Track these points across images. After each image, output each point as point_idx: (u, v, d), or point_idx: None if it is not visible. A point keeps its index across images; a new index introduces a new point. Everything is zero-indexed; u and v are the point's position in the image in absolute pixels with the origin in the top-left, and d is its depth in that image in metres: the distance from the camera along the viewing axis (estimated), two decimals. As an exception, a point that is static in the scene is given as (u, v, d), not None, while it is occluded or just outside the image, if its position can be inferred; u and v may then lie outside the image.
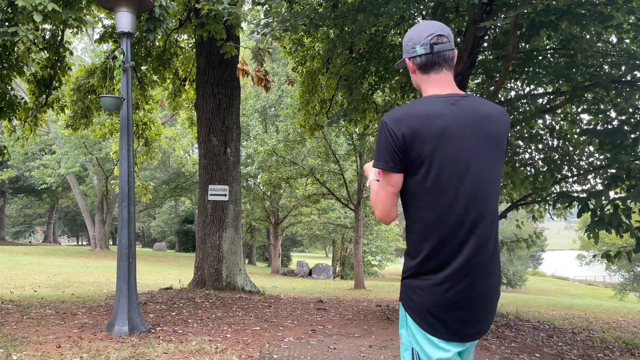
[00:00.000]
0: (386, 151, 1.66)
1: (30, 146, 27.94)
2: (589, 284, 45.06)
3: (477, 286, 1.67)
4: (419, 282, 1.70)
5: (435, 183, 1.65)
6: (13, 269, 14.66)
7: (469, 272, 1.65)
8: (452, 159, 1.65)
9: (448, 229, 1.66)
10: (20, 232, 49.55)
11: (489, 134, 1.71)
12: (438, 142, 1.64)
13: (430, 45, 1.72)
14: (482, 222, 1.68)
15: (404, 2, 6.02)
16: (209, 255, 8.66)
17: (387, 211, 1.73)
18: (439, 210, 1.66)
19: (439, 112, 1.67)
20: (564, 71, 6.85)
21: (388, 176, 1.69)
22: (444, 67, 1.75)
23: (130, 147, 5.27)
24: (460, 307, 1.66)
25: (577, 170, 8.08)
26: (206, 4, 5.41)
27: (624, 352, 6.01)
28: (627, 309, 14.22)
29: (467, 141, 1.67)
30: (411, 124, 1.64)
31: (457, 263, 1.65)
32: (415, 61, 1.77)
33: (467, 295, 1.66)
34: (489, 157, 1.71)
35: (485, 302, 1.70)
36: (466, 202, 1.66)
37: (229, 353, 4.39)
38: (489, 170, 1.71)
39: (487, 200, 1.70)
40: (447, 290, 1.65)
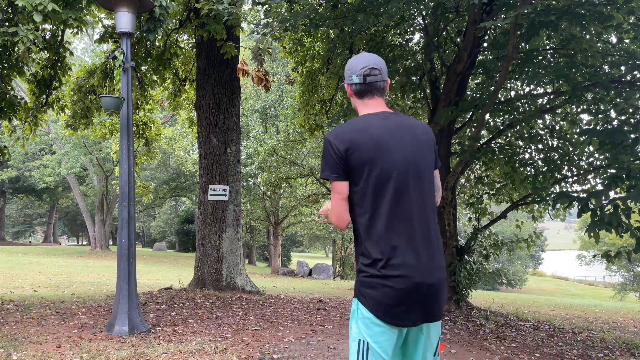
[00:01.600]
0: (331, 163, 1.93)
1: (30, 146, 27.94)
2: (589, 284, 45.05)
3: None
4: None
5: (379, 182, 1.90)
6: (13, 269, 14.66)
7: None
8: (392, 159, 1.91)
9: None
10: (20, 232, 49.54)
11: (419, 141, 2.00)
12: (375, 149, 1.91)
13: (364, 77, 2.01)
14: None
15: (404, 2, 6.02)
16: (209, 255, 8.66)
17: (340, 215, 1.97)
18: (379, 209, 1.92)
19: (374, 125, 1.96)
20: (564, 71, 6.86)
21: (334, 185, 1.95)
22: (375, 95, 2.04)
23: (130, 147, 5.27)
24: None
25: (577, 170, 8.08)
26: (206, 4, 5.41)
27: (624, 352, 6.01)
28: (627, 309, 14.22)
29: (401, 146, 1.94)
30: (350, 137, 1.92)
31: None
32: (352, 87, 2.07)
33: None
34: (422, 159, 1.98)
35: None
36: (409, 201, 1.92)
37: (229, 353, 4.39)
38: (427, 170, 1.98)
39: (427, 196, 1.97)
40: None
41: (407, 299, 1.85)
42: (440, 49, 8.57)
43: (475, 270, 7.93)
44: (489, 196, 8.80)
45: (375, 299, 1.88)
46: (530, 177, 7.95)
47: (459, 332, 6.17)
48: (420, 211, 1.92)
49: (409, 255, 1.86)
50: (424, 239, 1.91)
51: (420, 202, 1.93)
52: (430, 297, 1.88)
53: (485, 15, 7.20)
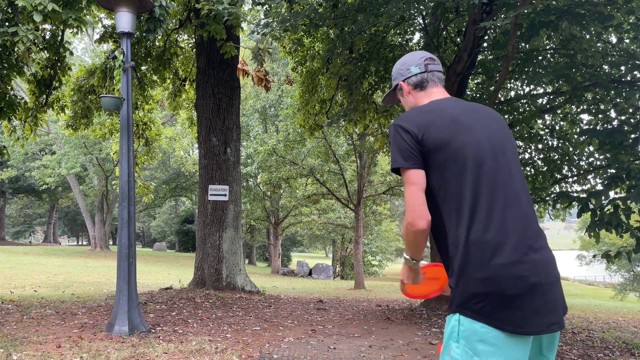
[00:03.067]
0: (403, 148, 1.66)
1: (30, 146, 27.94)
2: (589, 284, 45.03)
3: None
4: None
5: (461, 164, 1.63)
6: (13, 269, 14.66)
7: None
8: (473, 137, 1.66)
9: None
10: (20, 232, 49.53)
11: (500, 122, 1.77)
12: (452, 125, 1.66)
13: (425, 65, 1.85)
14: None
15: (404, 2, 6.02)
16: (209, 255, 8.66)
17: (419, 211, 1.62)
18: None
19: (447, 105, 1.74)
20: (564, 71, 6.86)
21: (408, 174, 1.66)
22: (437, 84, 1.85)
23: (130, 147, 5.27)
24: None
25: (577, 170, 8.09)
26: (206, 4, 5.41)
27: (624, 352, 6.01)
28: (627, 309, 14.22)
29: (482, 125, 1.70)
30: (423, 117, 1.69)
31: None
32: (411, 81, 1.87)
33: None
34: (509, 141, 1.74)
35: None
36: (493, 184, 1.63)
37: (229, 353, 4.39)
38: (511, 144, 1.74)
39: (522, 180, 1.70)
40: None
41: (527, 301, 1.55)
42: (440, 49, 8.57)
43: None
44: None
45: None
46: (530, 177, 7.95)
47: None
48: (514, 197, 1.62)
49: (510, 251, 1.55)
50: (531, 230, 1.61)
51: (515, 190, 1.64)
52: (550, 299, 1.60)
53: (485, 15, 7.20)
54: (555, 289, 1.62)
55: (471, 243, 1.57)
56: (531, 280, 1.53)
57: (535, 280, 1.54)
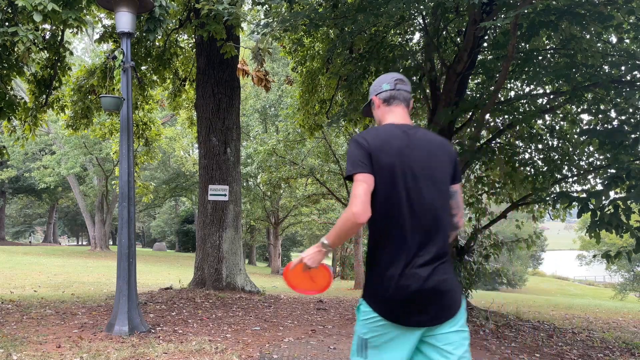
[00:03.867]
0: (359, 156, 1.95)
1: (30, 146, 27.93)
2: (589, 284, 45.04)
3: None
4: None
5: (398, 188, 1.94)
6: (13, 269, 14.66)
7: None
8: (410, 169, 1.97)
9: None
10: (20, 232, 49.53)
11: (437, 155, 2.06)
12: (396, 157, 1.97)
13: (394, 84, 2.18)
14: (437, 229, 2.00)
15: (404, 2, 6.02)
16: (209, 255, 8.65)
17: (363, 207, 1.87)
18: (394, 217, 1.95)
19: (397, 136, 2.03)
20: (564, 71, 6.85)
21: (364, 176, 1.92)
22: (402, 103, 2.16)
23: (130, 147, 5.27)
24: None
25: (577, 170, 8.08)
26: (206, 4, 5.41)
27: (624, 352, 6.01)
28: (627, 309, 14.22)
29: (418, 159, 2.01)
30: (376, 141, 1.99)
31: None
32: (381, 96, 2.18)
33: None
34: (438, 170, 2.04)
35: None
36: (420, 211, 1.96)
37: (229, 353, 4.39)
38: (442, 184, 2.03)
39: (438, 210, 2.00)
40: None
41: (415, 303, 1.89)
42: (440, 49, 8.57)
43: (475, 270, 7.93)
44: (488, 196, 8.79)
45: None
46: (530, 177, 7.94)
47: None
48: (435, 219, 1.96)
49: (421, 262, 1.90)
50: (438, 246, 1.95)
51: (432, 210, 1.96)
52: (438, 303, 1.93)
53: (485, 15, 7.20)
54: (444, 296, 1.94)
55: (381, 255, 1.94)
56: (412, 289, 1.87)
57: (430, 286, 1.89)
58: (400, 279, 1.88)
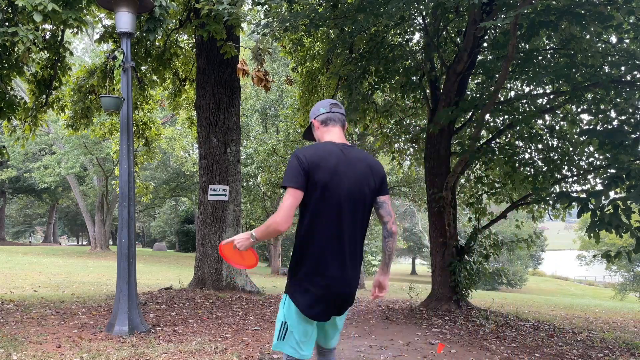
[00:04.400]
0: (295, 173, 2.26)
1: (30, 146, 27.92)
2: (589, 284, 45.04)
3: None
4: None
5: (327, 202, 2.29)
6: (13, 269, 14.66)
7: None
8: (340, 185, 2.31)
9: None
10: (20, 232, 49.52)
11: (364, 173, 2.40)
12: (331, 173, 2.29)
13: (330, 107, 2.52)
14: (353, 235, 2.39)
15: (404, 2, 6.02)
16: (209, 255, 8.66)
17: (287, 217, 2.22)
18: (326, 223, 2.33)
19: (334, 153, 2.36)
20: (564, 71, 6.85)
21: (294, 191, 2.25)
22: (337, 124, 2.51)
23: (130, 147, 5.27)
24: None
25: (577, 170, 8.08)
26: (206, 4, 5.41)
27: (624, 352, 6.01)
28: (627, 309, 14.22)
29: (350, 175, 2.34)
30: (314, 158, 2.30)
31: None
32: (319, 118, 2.52)
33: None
34: (360, 190, 2.37)
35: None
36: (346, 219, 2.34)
37: (229, 353, 4.39)
38: (365, 197, 2.38)
39: (357, 221, 2.38)
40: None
41: (327, 302, 2.34)
42: (440, 49, 8.57)
43: (475, 270, 7.93)
44: (488, 196, 8.79)
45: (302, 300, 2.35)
46: (530, 177, 7.94)
47: (459, 332, 6.17)
48: (351, 232, 2.34)
49: (335, 268, 2.30)
50: (351, 255, 2.35)
51: (352, 224, 2.34)
52: (346, 302, 2.40)
53: (485, 15, 7.20)
54: (345, 297, 2.40)
55: (306, 258, 2.33)
56: (333, 291, 2.33)
57: (335, 291, 2.34)
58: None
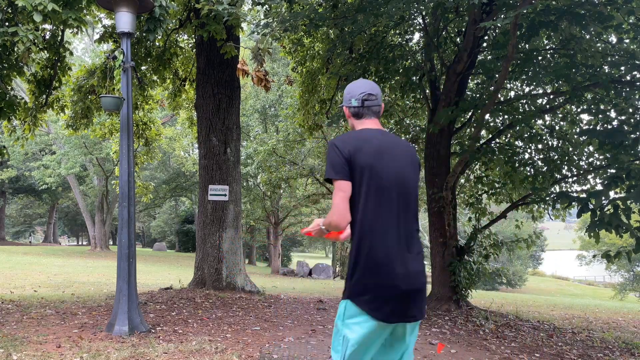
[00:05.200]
0: (336, 164, 2.10)
1: (30, 146, 27.92)
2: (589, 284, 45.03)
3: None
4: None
5: (375, 188, 2.10)
6: (13, 269, 14.66)
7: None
8: (387, 169, 2.14)
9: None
10: (20, 232, 49.53)
11: (409, 156, 2.27)
12: (375, 156, 2.13)
13: (362, 100, 2.28)
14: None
15: (404, 2, 6.02)
16: (209, 255, 8.65)
17: (342, 213, 2.07)
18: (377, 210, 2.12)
19: (375, 137, 2.20)
20: (564, 71, 6.85)
21: (338, 183, 2.09)
22: (372, 116, 2.31)
23: (130, 147, 5.27)
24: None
25: (577, 170, 8.08)
26: (206, 4, 5.41)
27: (624, 352, 6.01)
28: (627, 309, 14.22)
29: (396, 158, 2.19)
30: (355, 142, 2.15)
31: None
32: (350, 110, 2.33)
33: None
34: (410, 174, 2.23)
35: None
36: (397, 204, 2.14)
37: (229, 353, 4.39)
38: (414, 180, 2.24)
39: (411, 208, 2.20)
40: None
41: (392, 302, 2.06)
42: (440, 49, 8.57)
43: (475, 270, 7.93)
44: (488, 196, 8.79)
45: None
46: (530, 177, 7.95)
47: (459, 332, 6.17)
48: (406, 220, 2.15)
49: (397, 262, 2.07)
50: (409, 246, 2.13)
51: (406, 211, 2.15)
52: (415, 302, 2.11)
53: (485, 15, 7.20)
54: (417, 294, 2.11)
55: (365, 252, 2.07)
56: (402, 289, 2.05)
57: (404, 288, 2.05)
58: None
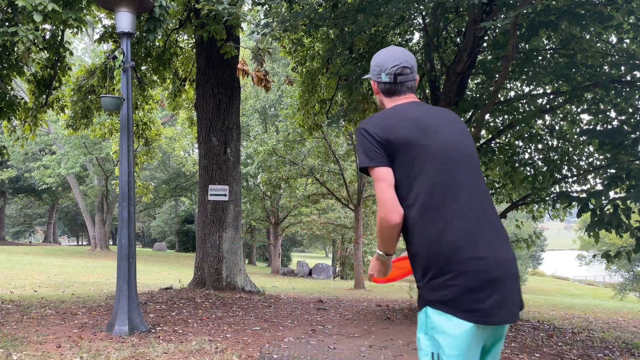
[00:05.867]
0: (369, 149, 1.73)
1: (30, 146, 27.93)
2: (589, 284, 45.02)
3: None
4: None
5: (427, 162, 1.70)
6: (13, 269, 14.66)
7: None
8: (436, 139, 1.73)
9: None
10: (20, 232, 49.51)
11: (461, 125, 1.85)
12: (416, 128, 1.74)
13: (394, 76, 1.86)
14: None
15: (404, 2, 6.02)
16: (209, 255, 8.65)
17: (391, 205, 1.67)
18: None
19: (409, 109, 1.81)
20: (564, 71, 6.85)
21: (376, 172, 1.72)
22: (406, 93, 1.89)
23: (130, 147, 5.27)
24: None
25: (577, 170, 8.08)
26: (206, 4, 5.41)
27: (624, 352, 6.01)
28: (627, 309, 14.22)
29: (443, 127, 1.78)
30: (386, 120, 1.77)
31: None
32: (380, 86, 1.91)
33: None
34: (468, 142, 1.82)
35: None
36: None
37: (229, 353, 4.39)
38: (471, 147, 1.82)
39: (478, 179, 1.77)
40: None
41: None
42: (440, 49, 8.57)
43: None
44: (488, 196, 8.78)
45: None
46: (530, 177, 7.95)
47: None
48: (477, 195, 1.70)
49: (480, 245, 1.63)
50: (489, 223, 1.69)
51: (474, 183, 1.71)
52: (512, 292, 1.66)
53: (485, 15, 7.20)
54: (514, 284, 1.67)
55: (436, 240, 1.63)
56: (492, 275, 1.60)
57: (496, 274, 1.61)
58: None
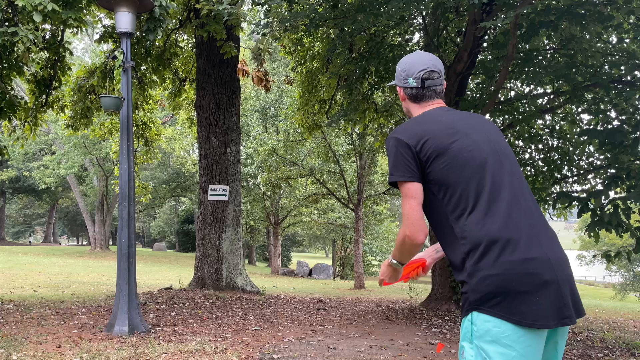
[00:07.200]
0: (401, 162, 1.66)
1: (30, 146, 27.94)
2: (589, 284, 45.01)
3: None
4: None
5: (464, 167, 1.65)
6: (13, 269, 14.66)
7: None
8: (471, 143, 1.67)
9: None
10: (20, 232, 49.53)
11: (494, 126, 1.80)
12: (451, 134, 1.67)
13: (422, 80, 1.80)
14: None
15: (404, 2, 6.01)
16: (209, 255, 8.65)
17: (418, 224, 1.63)
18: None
19: (440, 114, 1.76)
20: (564, 71, 6.85)
21: (406, 188, 1.66)
22: (434, 98, 1.83)
23: (130, 147, 5.27)
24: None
25: (577, 170, 8.08)
26: (206, 4, 5.41)
27: (624, 352, 6.01)
28: (627, 309, 14.21)
29: (478, 129, 1.73)
30: (418, 128, 1.69)
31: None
32: (407, 92, 1.85)
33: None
34: (505, 143, 1.77)
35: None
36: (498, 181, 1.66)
37: (229, 353, 4.39)
38: (508, 147, 1.77)
39: (519, 178, 1.72)
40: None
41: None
42: (440, 49, 8.57)
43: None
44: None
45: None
46: (530, 177, 7.95)
47: (459, 332, 6.16)
48: (520, 196, 1.65)
49: (530, 243, 1.57)
50: (536, 226, 1.62)
51: (516, 185, 1.66)
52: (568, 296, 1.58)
53: (485, 15, 7.20)
54: (567, 285, 1.59)
55: (481, 242, 1.56)
56: (544, 278, 1.53)
57: (548, 277, 1.54)
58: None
